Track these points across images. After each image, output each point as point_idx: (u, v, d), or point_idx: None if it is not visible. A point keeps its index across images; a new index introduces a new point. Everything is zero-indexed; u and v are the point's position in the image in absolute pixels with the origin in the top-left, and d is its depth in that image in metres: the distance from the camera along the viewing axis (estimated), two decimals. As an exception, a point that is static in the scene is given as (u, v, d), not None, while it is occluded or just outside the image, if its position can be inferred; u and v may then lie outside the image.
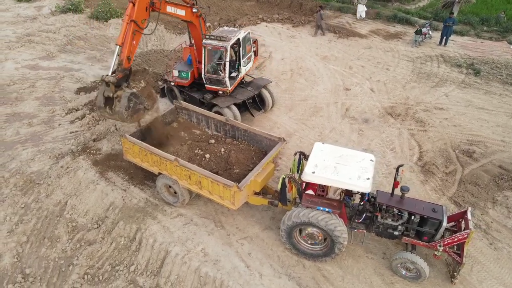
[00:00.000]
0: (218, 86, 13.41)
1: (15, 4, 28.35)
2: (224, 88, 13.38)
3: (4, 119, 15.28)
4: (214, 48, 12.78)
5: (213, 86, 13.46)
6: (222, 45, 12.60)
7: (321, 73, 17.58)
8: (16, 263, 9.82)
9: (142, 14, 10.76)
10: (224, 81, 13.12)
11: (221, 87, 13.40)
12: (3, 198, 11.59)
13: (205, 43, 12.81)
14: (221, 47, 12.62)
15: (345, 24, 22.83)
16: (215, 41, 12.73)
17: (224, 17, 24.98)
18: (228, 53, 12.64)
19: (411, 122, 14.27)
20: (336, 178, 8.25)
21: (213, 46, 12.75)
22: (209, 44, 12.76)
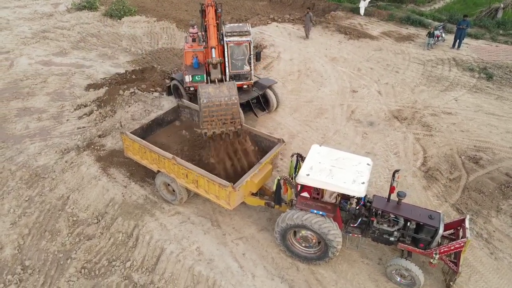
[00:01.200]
0: (243, 81, 13.52)
1: (33, 1, 29.02)
2: (249, 81, 13.58)
3: (15, 113, 15.67)
4: (237, 43, 12.88)
5: (237, 82, 13.45)
6: (245, 40, 12.78)
7: (328, 75, 17.44)
8: (17, 254, 10.05)
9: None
10: (250, 75, 13.36)
11: (246, 81, 13.58)
12: (9, 191, 11.88)
13: (227, 41, 12.82)
14: (245, 41, 12.80)
15: (357, 25, 22.58)
16: (237, 37, 12.81)
17: (236, 16, 25.06)
18: (252, 46, 12.87)
19: (417, 126, 14.02)
20: (331, 181, 8.17)
21: (236, 42, 12.83)
22: (231, 41, 12.82)
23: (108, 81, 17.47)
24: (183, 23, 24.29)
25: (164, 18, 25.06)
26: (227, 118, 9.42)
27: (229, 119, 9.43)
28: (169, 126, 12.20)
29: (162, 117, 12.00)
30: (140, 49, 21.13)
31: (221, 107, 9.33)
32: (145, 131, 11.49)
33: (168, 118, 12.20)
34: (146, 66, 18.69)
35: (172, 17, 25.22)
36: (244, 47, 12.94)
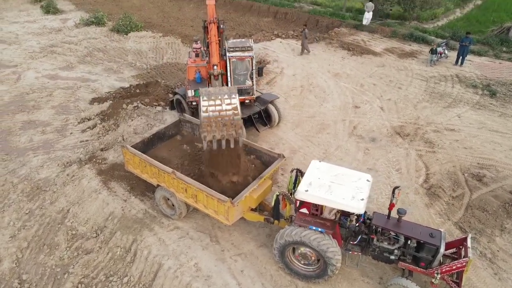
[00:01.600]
0: (244, 96, 13.59)
1: (42, 16, 29.73)
2: (250, 96, 13.66)
3: (20, 126, 15.84)
4: (240, 59, 12.99)
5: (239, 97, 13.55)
6: (248, 55, 12.92)
7: (331, 90, 17.49)
8: (15, 268, 10.00)
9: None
10: (252, 89, 13.47)
11: (248, 96, 13.67)
12: (10, 203, 11.91)
13: (230, 56, 12.94)
14: (247, 56, 12.94)
15: (360, 41, 22.73)
16: (239, 52, 12.95)
17: (240, 32, 25.37)
18: (254, 61, 12.99)
19: (420, 143, 13.93)
20: (329, 197, 8.09)
21: (238, 57, 12.95)
22: (234, 56, 12.94)
23: (113, 95, 17.65)
24: (188, 38, 24.62)
25: (170, 34, 25.44)
26: (227, 119, 9.09)
27: (229, 120, 9.09)
28: (170, 140, 12.23)
29: (164, 131, 12.05)
30: (145, 64, 21.40)
31: (222, 105, 9.06)
32: (146, 145, 11.53)
33: (169, 132, 12.24)
34: (150, 80, 18.90)
35: (178, 33, 25.60)
36: (246, 62, 13.07)
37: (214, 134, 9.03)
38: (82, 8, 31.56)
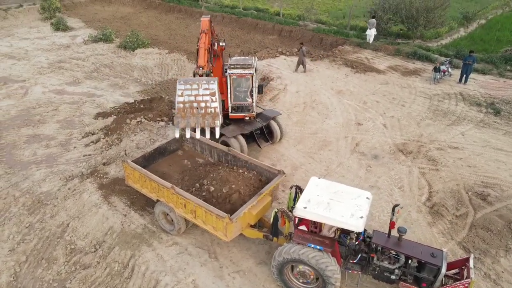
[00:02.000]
0: (244, 113, 13.69)
1: (52, 33, 30.36)
2: (250, 114, 13.69)
3: (24, 140, 16.00)
4: (240, 76, 13.12)
5: (239, 114, 13.75)
6: (248, 73, 13.00)
7: (334, 107, 17.51)
8: (12, 282, 9.94)
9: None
10: (251, 107, 13.51)
11: (247, 114, 13.73)
12: (10, 217, 11.94)
13: (230, 73, 13.09)
14: (247, 74, 13.03)
15: (364, 59, 22.86)
16: (240, 70, 13.09)
17: (245, 49, 25.65)
18: (255, 79, 13.07)
19: (423, 161, 13.81)
20: (328, 215, 8.01)
21: (239, 75, 13.08)
22: (234, 74, 13.08)
23: (117, 110, 17.82)
24: (193, 55, 24.88)
25: (176, 50, 25.80)
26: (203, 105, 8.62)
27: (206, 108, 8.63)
28: (171, 155, 12.27)
29: (165, 146, 12.10)
30: (151, 80, 21.66)
31: (198, 89, 8.62)
32: (147, 160, 11.56)
33: (170, 148, 12.29)
34: (154, 96, 19.09)
35: (184, 50, 25.95)
36: (246, 80, 13.15)
37: (189, 120, 8.47)
38: (91, 25, 32.19)
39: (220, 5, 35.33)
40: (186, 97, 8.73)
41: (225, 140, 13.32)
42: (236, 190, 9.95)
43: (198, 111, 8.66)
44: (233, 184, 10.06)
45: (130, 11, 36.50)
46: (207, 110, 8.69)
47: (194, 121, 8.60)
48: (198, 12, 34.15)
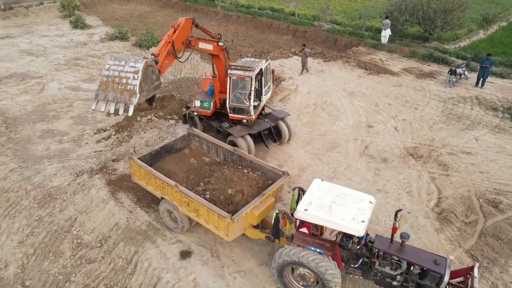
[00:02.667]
0: (242, 115, 13.58)
1: (70, 31, 30.97)
2: (248, 117, 13.53)
3: (39, 134, 16.36)
4: (239, 78, 13.07)
5: (237, 115, 13.65)
6: (247, 75, 12.87)
7: (345, 109, 17.33)
8: (19, 273, 10.16)
9: (178, 46, 12.27)
10: (249, 110, 13.34)
11: (245, 116, 13.57)
12: (21, 209, 12.21)
13: (230, 73, 13.10)
14: (247, 77, 12.89)
15: (378, 61, 22.56)
16: (240, 71, 13.03)
17: (259, 49, 25.63)
18: (253, 83, 12.92)
19: (433, 165, 13.53)
20: (329, 218, 7.92)
21: (238, 76, 13.05)
22: (234, 74, 13.06)
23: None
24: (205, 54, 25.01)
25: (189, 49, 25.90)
26: (124, 83, 9.07)
27: (126, 85, 9.04)
28: (178, 154, 12.35)
29: (172, 144, 12.19)
30: (163, 78, 21.82)
31: (124, 66, 9.14)
32: (154, 158, 11.67)
33: (177, 146, 12.37)
34: (166, 94, 19.25)
35: (197, 49, 26.05)
36: (245, 82, 13.04)
37: (107, 94, 8.85)
38: (109, 23, 32.70)
39: (236, 4, 35.41)
40: (111, 71, 9.15)
41: (233, 139, 13.34)
42: (239, 190, 9.95)
43: (118, 87, 9.04)
44: (237, 184, 10.07)
45: (147, 10, 36.95)
46: (127, 86, 8.97)
47: (113, 96, 8.98)
48: (213, 12, 34.36)
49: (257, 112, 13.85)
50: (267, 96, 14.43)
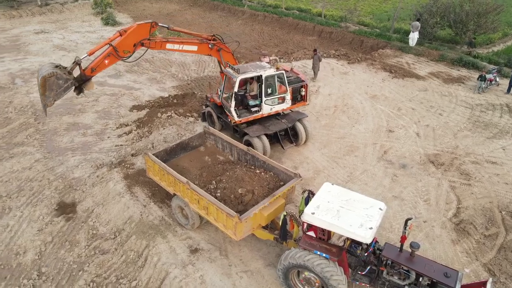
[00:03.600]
0: (229, 114, 13.67)
1: (101, 27, 31.92)
2: (231, 117, 13.45)
3: (65, 127, 16.96)
4: (229, 77, 13.35)
5: (227, 112, 13.92)
6: (233, 76, 12.87)
7: (366, 112, 17.00)
8: (36, 260, 10.56)
9: (127, 47, 12.43)
10: (230, 111, 13.29)
11: (230, 115, 13.57)
12: (43, 198, 12.70)
13: (224, 71, 13.58)
14: (233, 78, 12.87)
15: (404, 64, 21.99)
16: (231, 71, 13.24)
17: (283, 49, 25.55)
18: (236, 85, 12.70)
19: (455, 174, 13.06)
20: (336, 222, 7.79)
21: (228, 76, 13.34)
22: (226, 73, 13.49)
23: (151, 104, 18.42)
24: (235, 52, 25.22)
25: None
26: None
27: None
28: (193, 151, 12.49)
29: (187, 141, 12.34)
30: (187, 76, 22.16)
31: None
32: (169, 154, 11.85)
33: (193, 143, 12.51)
34: (188, 92, 19.52)
35: (223, 47, 26.25)
36: (233, 82, 12.96)
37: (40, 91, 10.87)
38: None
39: (263, 4, 35.41)
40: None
41: (248, 139, 13.36)
42: (250, 190, 9.95)
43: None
44: (248, 184, 10.08)
45: (176, 8, 37.56)
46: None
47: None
48: (240, 11, 34.51)
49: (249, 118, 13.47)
50: (274, 107, 13.75)
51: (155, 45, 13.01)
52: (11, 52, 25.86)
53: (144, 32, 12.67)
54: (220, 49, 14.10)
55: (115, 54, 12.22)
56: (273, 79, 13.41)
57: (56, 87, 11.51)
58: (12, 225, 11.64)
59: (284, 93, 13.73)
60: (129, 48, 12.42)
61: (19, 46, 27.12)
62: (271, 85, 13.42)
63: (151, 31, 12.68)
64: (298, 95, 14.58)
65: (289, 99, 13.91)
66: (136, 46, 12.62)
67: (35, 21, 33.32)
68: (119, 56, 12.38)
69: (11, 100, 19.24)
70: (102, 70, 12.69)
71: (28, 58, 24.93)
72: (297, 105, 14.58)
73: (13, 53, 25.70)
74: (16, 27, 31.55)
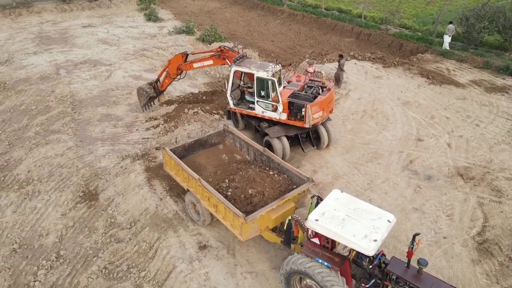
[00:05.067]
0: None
1: (144, 23, 32.97)
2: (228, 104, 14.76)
3: (98, 117, 17.72)
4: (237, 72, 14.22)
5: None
6: (230, 66, 13.95)
7: (396, 119, 16.36)
8: (57, 243, 11.13)
9: (173, 71, 16.24)
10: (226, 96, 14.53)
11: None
12: (70, 185, 13.35)
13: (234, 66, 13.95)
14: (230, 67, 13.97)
15: (443, 70, 20.92)
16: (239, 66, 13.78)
17: (318, 50, 25.17)
18: (231, 75, 13.89)
19: (485, 190, 12.27)
20: (339, 231, 7.56)
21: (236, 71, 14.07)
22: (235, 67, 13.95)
23: (181, 99, 18.81)
24: (265, 52, 25.25)
25: (249, 46, 26.27)
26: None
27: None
28: (212, 148, 12.62)
29: (206, 139, 12.48)
30: (219, 73, 22.39)
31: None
32: (187, 150, 12.05)
33: (212, 141, 12.63)
34: (217, 89, 19.73)
35: (257, 46, 26.34)
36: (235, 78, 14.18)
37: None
38: (180, 18, 34.24)
39: (303, 4, 35.03)
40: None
41: (268, 140, 13.29)
42: (260, 191, 9.91)
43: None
44: (259, 185, 10.04)
45: (217, 6, 38.04)
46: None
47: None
48: (279, 10, 34.36)
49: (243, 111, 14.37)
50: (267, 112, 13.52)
51: (186, 67, 15.98)
52: (59, 44, 27.36)
53: (179, 60, 15.94)
54: (225, 57, 14.66)
55: (169, 76, 16.54)
56: (265, 82, 13.06)
57: (142, 96, 17.32)
58: (39, 208, 12.34)
59: (275, 102, 13.14)
60: (175, 71, 16.22)
61: (67, 38, 28.63)
62: (263, 88, 13.17)
63: (183, 58, 15.92)
64: (297, 112, 13.10)
65: (281, 111, 13.13)
66: (178, 70, 16.13)
67: (84, 15, 35.02)
68: (171, 77, 16.59)
69: (53, 89, 20.36)
70: (166, 87, 17.31)
71: (74, 50, 26.26)
72: (294, 122, 13.21)
73: (61, 45, 27.18)
74: (66, 21, 33.31)
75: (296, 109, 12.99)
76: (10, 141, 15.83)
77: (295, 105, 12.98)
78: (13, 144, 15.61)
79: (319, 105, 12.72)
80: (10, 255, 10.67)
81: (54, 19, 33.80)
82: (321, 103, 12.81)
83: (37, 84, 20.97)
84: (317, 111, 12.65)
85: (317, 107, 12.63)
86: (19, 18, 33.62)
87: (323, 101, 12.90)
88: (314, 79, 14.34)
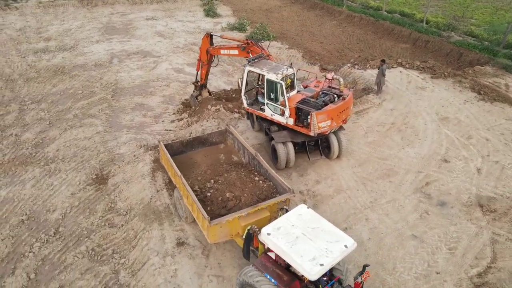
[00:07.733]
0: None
1: (202, 18, 33.99)
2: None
3: (132, 106, 18.70)
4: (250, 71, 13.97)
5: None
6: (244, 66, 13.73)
7: (426, 135, 14.95)
8: (59, 219, 11.98)
9: (204, 56, 16.35)
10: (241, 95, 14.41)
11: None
12: (87, 167, 14.28)
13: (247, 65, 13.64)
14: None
15: (501, 86, 18.61)
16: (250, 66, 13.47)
17: (366, 55, 23.87)
18: (245, 75, 13.68)
19: (505, 226, 10.73)
20: (287, 249, 7.13)
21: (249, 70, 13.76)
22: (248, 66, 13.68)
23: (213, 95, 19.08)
24: (310, 54, 24.61)
25: (295, 47, 25.82)
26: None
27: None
28: (212, 147, 12.64)
29: (206, 137, 12.53)
30: (239, 70, 22.30)
31: None
32: (185, 146, 12.21)
33: (213, 139, 12.64)
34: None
35: (304, 47, 25.76)
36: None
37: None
38: (237, 14, 34.71)
39: (365, 5, 33.43)
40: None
41: (274, 144, 12.96)
42: (237, 196, 9.71)
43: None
44: (238, 190, 9.84)
45: (277, 4, 37.89)
46: None
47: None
48: (338, 11, 33.22)
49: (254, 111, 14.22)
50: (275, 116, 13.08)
51: (214, 51, 15.90)
52: (120, 34, 29.31)
53: (206, 42, 16.00)
54: (249, 51, 14.26)
55: (203, 64, 16.65)
56: (274, 85, 12.58)
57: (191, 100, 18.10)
58: (55, 185, 13.38)
59: (283, 106, 12.61)
60: (206, 57, 16.28)
61: (129, 29, 30.55)
62: (272, 90, 12.73)
63: (208, 39, 15.95)
64: (304, 119, 12.46)
65: (288, 116, 12.61)
66: (207, 54, 16.12)
67: (150, 8, 37.07)
68: (205, 64, 16.62)
69: (102, 76, 21.90)
70: (205, 78, 17.33)
71: (131, 41, 27.95)
72: (301, 129, 12.60)
73: (121, 35, 29.09)
74: (133, 13, 35.55)
75: (303, 116, 12.46)
76: (51, 120, 17.35)
77: (302, 112, 12.44)
78: (53, 124, 17.08)
79: (327, 113, 12.04)
80: (18, 225, 11.72)
81: (124, 10, 36.23)
82: (330, 112, 12.11)
83: (91, 70, 22.67)
84: (324, 119, 11.99)
85: (324, 116, 11.98)
86: (94, 9, 36.58)
87: (332, 110, 12.19)
88: (333, 87, 13.60)
